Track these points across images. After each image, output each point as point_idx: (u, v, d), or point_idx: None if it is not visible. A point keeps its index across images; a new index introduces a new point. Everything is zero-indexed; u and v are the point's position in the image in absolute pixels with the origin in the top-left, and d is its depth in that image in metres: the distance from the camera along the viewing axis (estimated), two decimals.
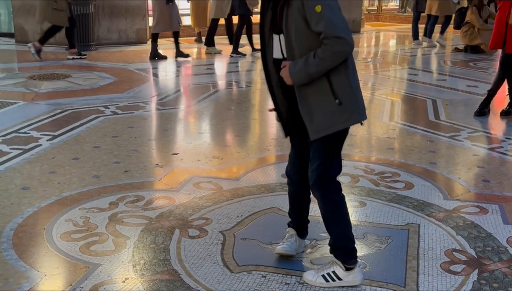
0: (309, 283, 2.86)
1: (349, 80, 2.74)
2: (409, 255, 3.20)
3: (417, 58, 11.33)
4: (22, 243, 3.26)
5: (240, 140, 5.49)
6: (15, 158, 4.61)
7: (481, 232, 3.50)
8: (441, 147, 5.28)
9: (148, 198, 3.89)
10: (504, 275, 3.00)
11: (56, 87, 7.11)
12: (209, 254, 3.15)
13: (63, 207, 3.71)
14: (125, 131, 5.47)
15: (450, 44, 12.16)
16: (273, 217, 3.64)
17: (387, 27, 14.81)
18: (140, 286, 2.83)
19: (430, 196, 4.05)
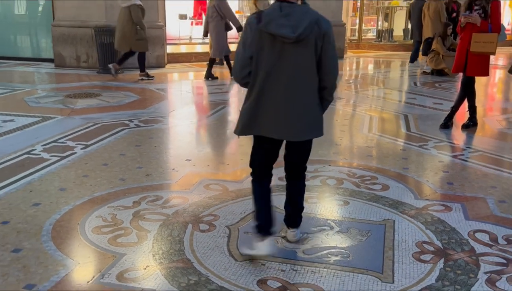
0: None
1: (243, 104, 2.93)
2: (386, 246, 3.22)
3: (391, 79, 11.35)
4: (60, 236, 3.27)
5: (243, 149, 5.49)
6: (54, 163, 4.63)
7: (446, 227, 3.52)
8: (412, 155, 5.30)
9: (166, 198, 3.91)
10: (466, 264, 3.02)
11: (88, 104, 7.13)
12: (217, 245, 3.17)
13: (94, 205, 3.73)
14: (146, 141, 5.48)
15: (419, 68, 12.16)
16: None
17: (366, 54, 14.84)
18: (159, 273, 2.84)
19: (403, 196, 4.07)
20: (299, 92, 2.81)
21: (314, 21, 2.67)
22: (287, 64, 2.75)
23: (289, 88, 2.79)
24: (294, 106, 2.79)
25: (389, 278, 2.82)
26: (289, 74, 2.76)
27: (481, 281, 2.81)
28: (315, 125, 2.93)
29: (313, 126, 2.92)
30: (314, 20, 2.68)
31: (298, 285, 2.74)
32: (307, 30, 2.63)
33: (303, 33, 2.60)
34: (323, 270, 2.90)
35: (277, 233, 3.30)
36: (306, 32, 2.62)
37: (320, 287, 2.73)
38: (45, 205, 3.72)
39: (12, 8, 11.13)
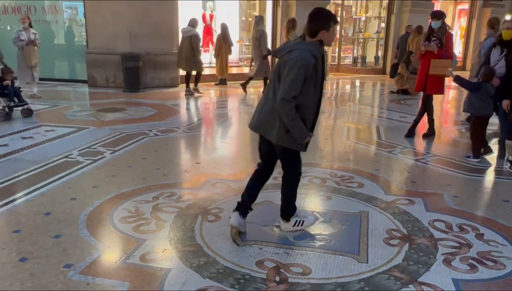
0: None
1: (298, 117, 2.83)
2: (361, 233, 3.25)
3: (364, 97, 11.38)
4: (92, 224, 3.28)
5: (243, 154, 5.50)
6: (87, 165, 4.63)
7: (410, 217, 3.54)
8: (382, 158, 5.32)
9: (179, 194, 3.92)
10: (426, 247, 3.04)
11: (115, 117, 7.13)
12: (222, 233, 3.19)
13: (121, 200, 3.74)
14: (163, 147, 5.48)
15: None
16: (267, 207, 3.67)
17: (344, 76, 14.87)
18: (174, 255, 2.85)
19: (375, 192, 4.09)
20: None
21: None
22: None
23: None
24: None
25: (364, 259, 2.84)
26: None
27: (439, 261, 2.84)
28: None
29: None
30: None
31: (289, 265, 2.75)
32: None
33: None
34: (310, 252, 2.92)
35: (274, 223, 3.32)
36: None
37: (308, 266, 2.74)
38: (80, 199, 3.72)
39: (53, 38, 11.15)
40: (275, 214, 3.43)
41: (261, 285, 2.53)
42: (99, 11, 9.89)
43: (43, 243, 2.96)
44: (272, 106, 2.89)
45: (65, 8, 10.86)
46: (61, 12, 10.83)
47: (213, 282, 2.55)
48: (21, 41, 8.39)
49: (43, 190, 3.92)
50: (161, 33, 10.28)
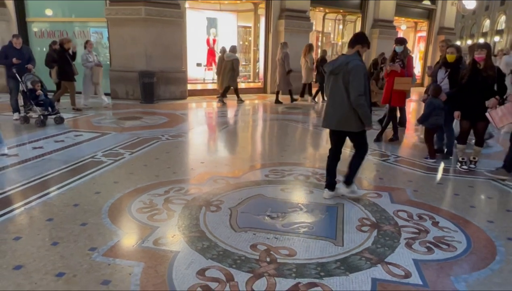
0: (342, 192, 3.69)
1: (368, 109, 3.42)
2: (338, 221, 3.26)
3: None
4: (114, 214, 3.26)
5: (239, 155, 5.50)
6: (110, 165, 4.60)
7: (378, 208, 3.55)
8: None
9: (186, 188, 3.90)
10: (392, 233, 3.05)
11: (134, 124, 7.10)
12: (222, 221, 3.18)
13: (138, 193, 3.72)
14: (173, 149, 5.46)
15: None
16: (259, 200, 3.66)
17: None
18: (182, 240, 2.84)
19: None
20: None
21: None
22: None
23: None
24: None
25: (340, 243, 2.84)
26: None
27: (401, 245, 2.85)
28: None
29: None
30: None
31: (278, 248, 2.74)
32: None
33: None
34: (295, 237, 2.91)
35: (265, 212, 3.32)
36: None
37: (293, 249, 2.74)
38: (103, 193, 3.70)
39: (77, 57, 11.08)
40: (266, 205, 3.43)
41: (255, 265, 2.53)
42: (120, 36, 9.86)
43: (72, 230, 2.94)
44: (349, 107, 3.35)
45: (92, 33, 10.80)
46: (89, 36, 10.76)
47: (215, 262, 2.54)
48: (89, 63, 8.69)
49: (72, 185, 3.89)
50: (172, 54, 10.26)
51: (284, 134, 6.87)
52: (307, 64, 10.81)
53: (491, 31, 33.96)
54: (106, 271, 2.44)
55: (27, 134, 6.13)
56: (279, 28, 12.13)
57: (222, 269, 2.47)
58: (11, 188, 3.79)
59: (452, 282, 2.43)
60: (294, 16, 12.07)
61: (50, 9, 10.81)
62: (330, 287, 2.33)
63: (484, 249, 2.84)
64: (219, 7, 13.72)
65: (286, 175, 4.39)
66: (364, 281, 2.41)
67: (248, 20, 14.33)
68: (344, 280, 2.40)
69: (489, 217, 3.45)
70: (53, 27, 10.88)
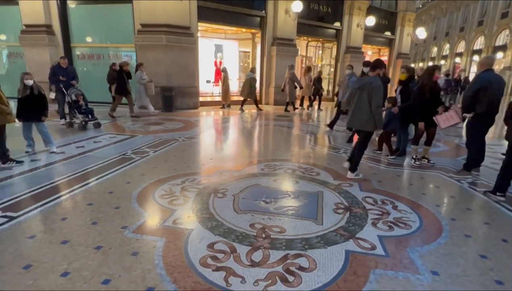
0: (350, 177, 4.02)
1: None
2: (318, 205, 3.24)
3: (321, 116, 11.39)
4: (140, 200, 3.24)
5: (241, 153, 5.48)
6: (137, 160, 4.58)
7: (350, 195, 3.55)
8: (331, 156, 5.33)
9: (198, 179, 3.88)
10: (361, 214, 3.04)
11: (157, 128, 7.07)
12: (227, 205, 3.17)
13: (160, 183, 3.70)
14: (188, 149, 5.44)
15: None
16: (256, 188, 3.65)
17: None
18: (195, 220, 2.82)
19: (327, 178, 4.09)
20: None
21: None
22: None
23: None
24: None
25: (320, 222, 2.85)
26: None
27: (368, 224, 2.86)
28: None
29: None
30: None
31: (271, 226, 2.74)
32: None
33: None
34: (285, 218, 2.91)
35: (261, 198, 3.31)
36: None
37: (283, 227, 2.74)
38: (133, 183, 3.68)
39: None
40: (262, 193, 3.42)
41: (253, 240, 2.53)
42: (146, 58, 9.80)
43: (108, 212, 2.93)
44: (369, 113, 3.75)
45: (123, 55, 10.72)
46: (121, 58, 10.68)
47: (221, 238, 2.54)
48: (143, 80, 8.89)
49: (108, 176, 3.88)
50: (187, 73, 10.21)
51: (276, 137, 6.87)
52: (305, 81, 10.90)
53: (438, 56, 34.16)
54: (135, 244, 2.43)
55: (71, 136, 6.08)
56: (272, 53, 12.14)
57: (227, 243, 2.47)
58: (59, 178, 3.77)
59: (408, 252, 2.45)
60: (284, 43, 12.08)
61: (90, 37, 10.73)
62: (312, 257, 2.34)
63: (433, 227, 2.86)
64: (224, 36, 13.74)
65: (277, 168, 4.40)
66: (339, 252, 2.42)
67: (247, 46, 14.35)
68: (324, 252, 2.41)
69: (437, 202, 3.47)
70: (92, 51, 10.79)
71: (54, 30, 10.52)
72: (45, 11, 10.27)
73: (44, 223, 2.72)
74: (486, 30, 25.27)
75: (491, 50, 24.40)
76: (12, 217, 2.79)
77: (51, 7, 10.36)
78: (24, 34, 10.41)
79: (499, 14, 23.81)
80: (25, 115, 4.72)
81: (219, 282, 2.06)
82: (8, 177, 3.78)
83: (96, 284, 2.02)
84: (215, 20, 10.99)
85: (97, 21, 10.49)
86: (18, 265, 2.18)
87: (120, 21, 10.31)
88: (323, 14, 13.63)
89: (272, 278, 2.10)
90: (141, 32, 9.67)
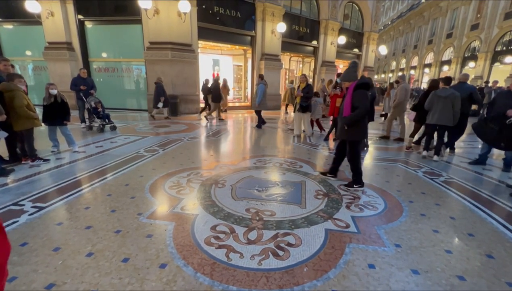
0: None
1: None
2: (302, 192, 3.24)
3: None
4: (153, 190, 3.19)
5: (237, 150, 5.47)
6: (149, 157, 4.51)
7: (327, 183, 3.56)
8: (312, 152, 5.34)
9: (201, 173, 3.84)
10: (337, 199, 3.07)
11: (165, 130, 6.97)
12: (227, 194, 3.15)
13: (169, 176, 3.65)
14: (192, 147, 5.38)
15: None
16: (250, 179, 3.63)
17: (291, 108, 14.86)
18: (200, 206, 2.79)
19: (309, 170, 4.10)
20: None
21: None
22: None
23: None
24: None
25: (304, 206, 2.86)
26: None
27: (343, 207, 2.89)
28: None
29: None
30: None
31: (264, 210, 2.75)
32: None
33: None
34: (274, 203, 2.92)
35: (255, 188, 3.30)
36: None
37: (274, 211, 2.74)
38: (145, 176, 3.62)
39: (128, 85, 10.83)
40: (255, 183, 3.41)
41: (248, 222, 2.53)
42: (154, 71, 9.64)
43: (124, 201, 2.88)
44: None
45: (134, 68, 10.52)
46: (132, 70, 10.50)
47: (222, 221, 2.53)
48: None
49: (124, 171, 3.81)
50: (189, 83, 10.10)
51: (266, 136, 6.88)
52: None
53: (396, 69, 34.82)
54: (149, 228, 2.40)
55: (91, 137, 5.94)
56: (261, 66, 12.12)
57: (227, 225, 2.46)
58: (81, 174, 3.68)
59: (376, 229, 2.50)
60: (270, 58, 12.08)
61: (105, 52, 10.48)
62: (298, 235, 2.36)
63: (395, 209, 2.92)
64: (221, 52, 13.64)
65: (267, 162, 4.40)
66: (320, 230, 2.44)
67: (240, 60, 14.26)
68: (307, 230, 2.43)
69: (398, 187, 3.54)
70: (107, 65, 10.55)
71: (73, 46, 10.24)
72: (65, 30, 9.99)
73: (69, 211, 2.66)
74: (435, 47, 25.88)
75: (439, 64, 25.01)
76: (42, 207, 2.72)
77: (71, 26, 10.08)
78: (48, 50, 10.11)
79: (445, 35, 24.43)
80: (50, 120, 4.58)
81: (221, 258, 2.05)
82: (36, 173, 3.68)
83: (117, 262, 1.99)
84: (212, 39, 10.90)
85: (111, 39, 10.26)
86: (48, 248, 2.13)
87: (131, 39, 10.10)
88: (303, 34, 13.69)
89: (265, 253, 2.11)
90: (149, 48, 9.51)
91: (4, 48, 10.92)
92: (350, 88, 3.06)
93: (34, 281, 1.83)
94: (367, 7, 15.66)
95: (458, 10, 22.82)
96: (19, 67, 11.02)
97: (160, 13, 9.14)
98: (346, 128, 3.15)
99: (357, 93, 3.07)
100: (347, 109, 3.07)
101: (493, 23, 18.98)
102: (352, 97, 3.04)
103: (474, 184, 3.66)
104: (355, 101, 3.01)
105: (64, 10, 9.87)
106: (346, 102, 3.07)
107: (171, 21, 9.23)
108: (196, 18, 9.84)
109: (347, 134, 3.20)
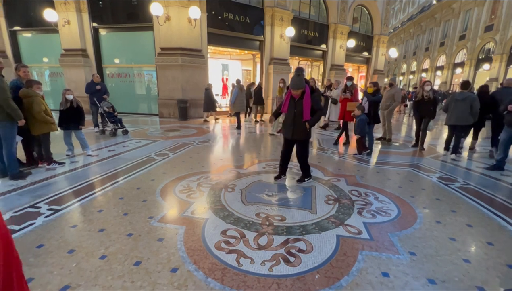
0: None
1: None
2: (312, 197, 3.21)
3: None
4: (163, 194, 3.21)
5: (246, 154, 5.46)
6: (159, 161, 4.56)
7: (338, 188, 3.52)
8: (322, 156, 5.28)
9: (211, 177, 3.86)
10: (348, 205, 3.02)
11: (175, 134, 7.04)
12: (236, 198, 3.14)
13: (179, 180, 3.67)
14: (201, 151, 5.42)
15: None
16: (260, 184, 3.62)
17: None
18: (210, 211, 2.80)
19: (319, 175, 4.06)
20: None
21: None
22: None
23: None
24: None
25: (314, 212, 2.83)
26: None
27: (355, 213, 2.84)
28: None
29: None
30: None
31: (274, 215, 2.73)
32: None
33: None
34: (284, 208, 2.90)
35: (264, 192, 3.29)
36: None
37: (284, 216, 2.72)
38: (156, 180, 3.67)
39: (140, 90, 11.06)
40: (264, 187, 3.40)
41: (258, 227, 2.52)
42: (165, 76, 9.82)
43: (136, 205, 2.91)
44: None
45: (145, 74, 10.75)
46: (144, 76, 10.72)
47: (232, 226, 2.53)
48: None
49: (135, 175, 3.86)
50: (198, 88, 10.22)
51: (275, 141, 6.86)
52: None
53: (407, 72, 34.24)
54: (160, 232, 2.42)
55: (103, 141, 6.07)
56: (269, 71, 12.17)
57: (237, 230, 2.46)
58: (94, 177, 3.76)
59: (389, 236, 2.44)
60: (279, 62, 12.11)
61: (118, 58, 10.77)
62: (309, 241, 2.33)
63: (409, 215, 2.85)
64: (230, 57, 13.80)
65: (276, 167, 4.38)
66: (331, 236, 2.40)
67: (248, 65, 14.39)
68: (318, 236, 2.40)
69: (411, 193, 3.46)
70: (120, 71, 10.82)
71: (88, 53, 10.57)
72: (81, 38, 10.33)
73: (83, 214, 2.71)
74: (447, 49, 25.33)
75: (451, 67, 24.44)
76: (57, 210, 2.78)
77: (86, 34, 10.43)
78: (63, 57, 10.48)
79: (458, 37, 23.90)
80: (65, 124, 4.72)
81: (232, 263, 2.04)
82: (52, 176, 3.78)
83: (129, 265, 2.01)
84: (222, 44, 11.02)
85: (123, 45, 10.54)
86: (63, 250, 2.17)
87: (143, 46, 10.34)
88: (312, 38, 13.68)
89: (276, 259, 2.09)
90: (160, 54, 9.71)
91: (23, 56, 11.38)
92: (307, 93, 3.26)
93: (49, 282, 1.87)
94: (376, 10, 15.54)
95: (471, 11, 22.32)
96: (36, 73, 11.45)
97: (171, 19, 9.34)
98: (308, 129, 3.37)
99: (314, 96, 3.32)
100: (307, 113, 3.28)
101: (509, 24, 18.45)
102: (311, 101, 3.28)
103: (492, 190, 3.53)
104: (315, 104, 3.30)
105: (79, 18, 10.22)
106: (306, 106, 3.27)
107: (182, 28, 9.41)
108: (206, 24, 9.99)
109: (306, 135, 3.42)
